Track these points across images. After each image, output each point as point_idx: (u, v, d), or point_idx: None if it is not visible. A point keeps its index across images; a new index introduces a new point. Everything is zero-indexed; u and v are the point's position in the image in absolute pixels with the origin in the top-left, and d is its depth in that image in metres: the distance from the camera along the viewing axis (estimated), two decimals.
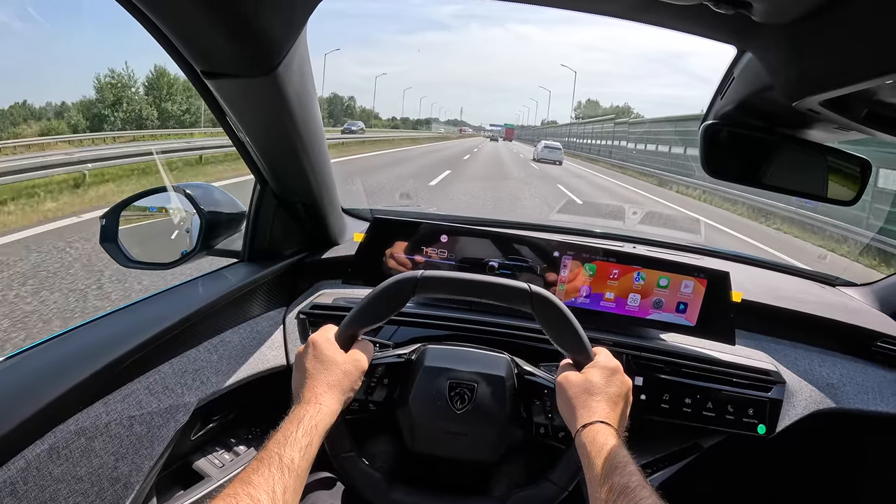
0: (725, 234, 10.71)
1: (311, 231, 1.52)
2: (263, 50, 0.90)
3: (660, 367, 1.36)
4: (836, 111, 0.79)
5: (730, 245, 8.33)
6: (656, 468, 1.40)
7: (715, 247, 2.14)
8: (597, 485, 0.81)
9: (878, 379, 1.53)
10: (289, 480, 0.77)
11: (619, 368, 0.99)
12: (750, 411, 1.35)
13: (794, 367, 1.48)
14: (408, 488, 1.06)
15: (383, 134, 46.73)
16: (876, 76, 0.63)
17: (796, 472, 1.83)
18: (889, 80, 0.63)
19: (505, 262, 1.40)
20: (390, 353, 1.14)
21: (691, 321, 1.38)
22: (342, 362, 0.97)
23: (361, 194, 8.22)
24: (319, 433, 0.87)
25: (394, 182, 12.98)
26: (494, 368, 1.10)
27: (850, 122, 0.83)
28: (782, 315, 1.57)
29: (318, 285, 1.51)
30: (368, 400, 1.11)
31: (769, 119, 0.97)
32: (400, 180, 13.69)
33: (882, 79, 0.63)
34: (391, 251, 1.42)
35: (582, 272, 1.39)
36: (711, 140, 1.02)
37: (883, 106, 0.80)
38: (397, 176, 14.63)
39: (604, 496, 0.78)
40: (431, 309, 1.41)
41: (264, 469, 0.77)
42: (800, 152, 1.04)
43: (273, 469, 0.77)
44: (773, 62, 0.78)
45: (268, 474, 0.76)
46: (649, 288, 1.38)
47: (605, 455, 0.83)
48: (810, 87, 0.74)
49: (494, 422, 1.08)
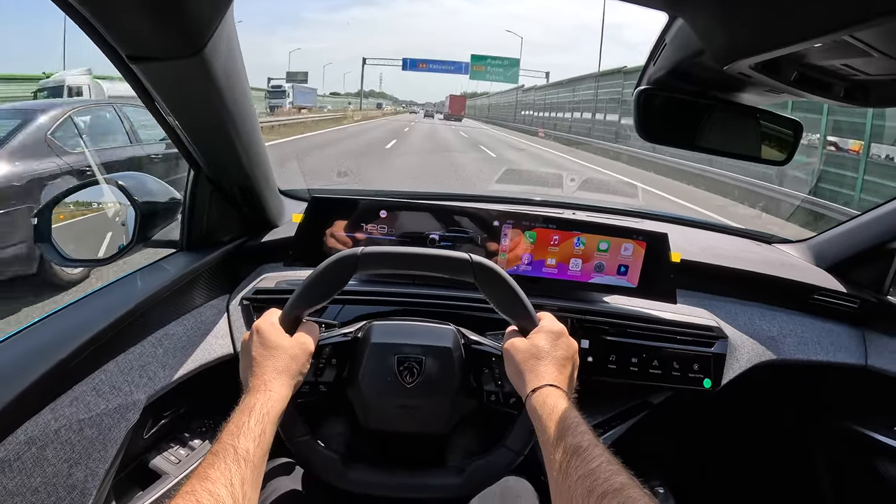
0: (664, 198, 10.94)
1: (250, 215, 1.49)
2: (190, 30, 0.87)
3: (605, 329, 1.39)
4: (766, 74, 0.80)
5: (668, 208, 8.54)
6: (608, 427, 1.44)
7: (653, 210, 2.19)
8: (550, 447, 0.82)
9: (816, 330, 1.60)
10: (246, 471, 0.76)
11: (565, 332, 1.01)
12: (695, 367, 1.40)
13: (735, 322, 1.53)
14: (365, 467, 1.06)
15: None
16: (804, 39, 0.64)
17: (743, 422, 1.90)
18: (817, 43, 0.65)
19: (445, 234, 1.41)
20: (337, 333, 1.13)
21: (633, 283, 1.42)
22: (288, 346, 0.96)
23: (298, 175, 8.03)
24: (272, 420, 0.86)
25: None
26: (441, 340, 1.11)
27: (781, 84, 0.84)
28: (722, 273, 1.61)
29: (260, 269, 1.49)
30: (318, 381, 1.10)
31: (702, 83, 0.98)
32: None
33: (810, 42, 0.64)
34: (331, 230, 1.40)
35: (523, 240, 1.40)
36: (645, 106, 1.03)
37: (812, 68, 0.82)
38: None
39: (558, 458, 0.79)
40: (376, 286, 1.41)
41: (220, 462, 0.76)
42: (733, 115, 1.05)
43: (229, 461, 0.76)
44: (704, 27, 0.78)
45: (224, 467, 0.75)
46: (590, 252, 1.41)
47: (556, 417, 0.84)
48: (740, 51, 0.74)
49: (445, 393, 1.09)
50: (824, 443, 1.82)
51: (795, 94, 0.91)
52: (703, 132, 1.05)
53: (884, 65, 0.75)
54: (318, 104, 54.25)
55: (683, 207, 10.03)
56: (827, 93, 0.88)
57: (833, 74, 0.84)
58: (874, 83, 0.86)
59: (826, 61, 0.77)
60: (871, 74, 0.81)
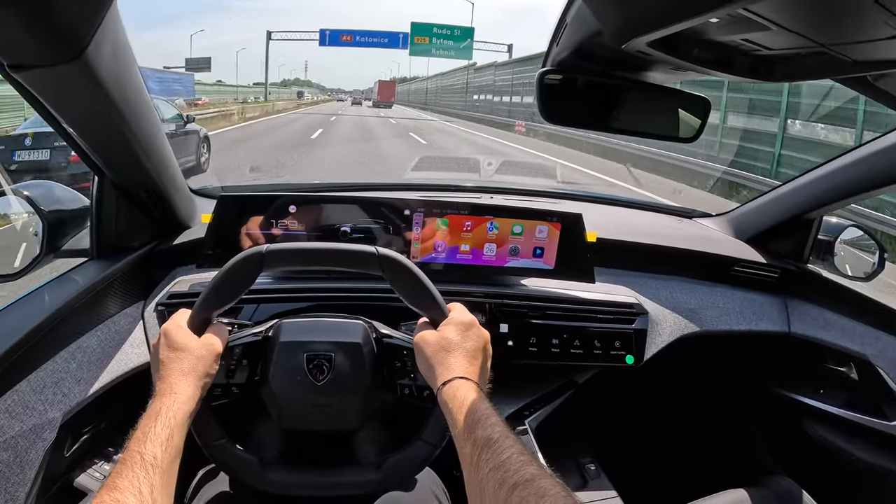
0: (589, 176, 11.12)
1: (160, 218, 1.44)
2: (67, 33, 0.81)
3: (524, 313, 1.39)
4: (665, 52, 0.79)
5: (591, 187, 8.68)
6: (533, 409, 1.44)
7: (573, 189, 2.21)
8: (462, 441, 0.81)
9: (737, 300, 1.63)
10: (154, 478, 0.75)
11: (475, 322, 1.00)
12: (616, 344, 1.41)
13: (656, 297, 1.55)
14: (284, 468, 1.05)
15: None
16: (696, 15, 0.62)
17: (671, 394, 1.95)
18: (712, 18, 0.63)
19: (357, 226, 1.38)
20: (247, 333, 1.10)
21: (550, 264, 1.42)
22: (195, 348, 0.94)
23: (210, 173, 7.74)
24: (179, 423, 0.84)
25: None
26: (350, 336, 1.08)
27: (683, 62, 0.83)
28: (641, 249, 1.63)
29: (174, 273, 1.44)
30: (230, 383, 1.07)
31: (606, 63, 0.96)
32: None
33: (703, 17, 0.62)
34: (246, 228, 1.37)
35: (435, 228, 1.39)
36: (548, 87, 1.01)
37: (712, 45, 0.81)
38: None
39: (468, 451, 0.79)
40: (291, 282, 1.38)
41: (127, 471, 0.74)
42: (640, 95, 1.04)
43: (136, 469, 0.74)
44: (599, 5, 0.77)
45: (132, 475, 0.73)
46: (504, 236, 1.40)
47: (465, 410, 0.84)
48: (635, 29, 0.73)
49: (356, 390, 1.07)
50: (755, 409, 1.87)
51: (701, 70, 0.90)
52: (610, 112, 1.04)
53: (784, 39, 0.74)
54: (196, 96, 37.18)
55: (614, 186, 10.20)
56: (731, 69, 0.87)
57: (735, 50, 0.83)
58: (777, 58, 0.86)
59: (725, 37, 0.76)
60: (773, 49, 0.81)
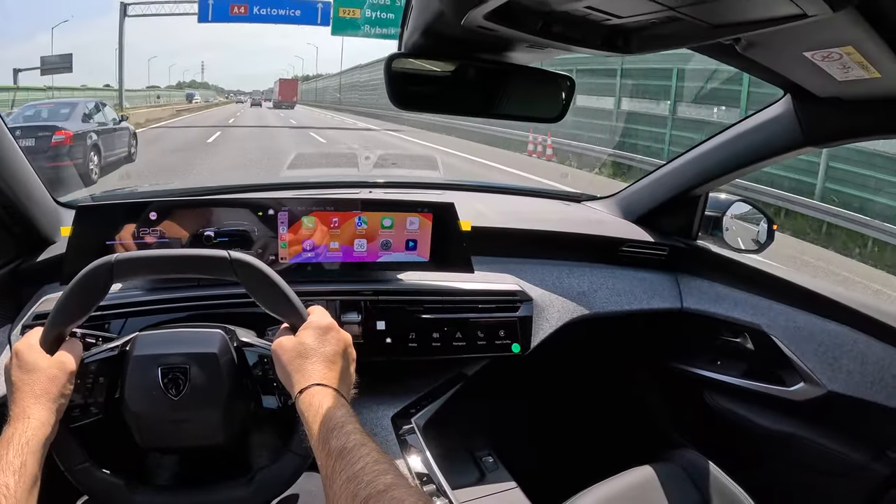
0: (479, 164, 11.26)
1: (21, 234, 1.35)
2: None
3: (401, 308, 1.36)
4: (509, 26, 0.76)
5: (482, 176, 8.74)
6: (421, 406, 1.41)
7: (456, 180, 2.17)
8: (317, 451, 0.79)
9: (627, 280, 1.64)
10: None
11: (334, 326, 0.96)
12: (500, 333, 1.39)
13: (542, 283, 1.53)
14: (152, 489, 1.01)
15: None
16: None
17: (564, 380, 1.95)
18: None
19: (220, 230, 1.32)
20: (103, 348, 1.03)
21: (424, 256, 1.39)
22: (46, 367, 0.88)
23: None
24: (33, 450, 0.80)
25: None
26: (206, 346, 1.02)
27: (533, 37, 0.81)
28: (525, 236, 1.63)
29: (41, 292, 1.34)
30: (88, 403, 1.00)
31: (457, 45, 0.93)
32: None
33: None
34: (117, 238, 1.28)
35: (301, 226, 1.34)
36: (396, 71, 0.97)
37: (556, 16, 0.79)
38: None
39: (324, 461, 0.76)
40: (161, 293, 1.30)
41: None
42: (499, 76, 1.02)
43: None
44: None
45: None
46: (374, 231, 1.36)
47: (320, 419, 0.81)
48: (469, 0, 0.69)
49: (214, 402, 1.01)
50: (654, 386, 1.90)
51: (556, 46, 0.88)
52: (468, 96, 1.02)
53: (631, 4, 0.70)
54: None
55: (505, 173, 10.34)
56: (586, 43, 0.86)
57: (584, 21, 0.81)
58: (631, 28, 0.85)
59: (567, 5, 0.72)
60: (622, 17, 0.79)
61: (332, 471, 0.73)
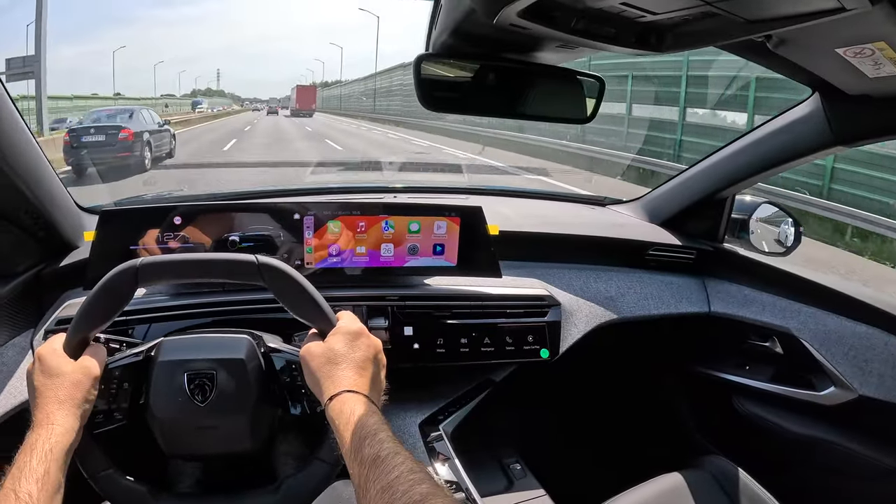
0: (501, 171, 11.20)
1: (45, 238, 1.34)
2: None
3: (429, 313, 1.35)
4: (543, 24, 0.75)
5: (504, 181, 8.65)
6: (448, 413, 1.39)
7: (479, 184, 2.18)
8: (349, 459, 0.77)
9: (654, 284, 1.62)
10: None
11: (364, 331, 0.95)
12: (529, 339, 1.38)
13: (570, 287, 1.52)
14: (176, 497, 1.00)
15: None
16: None
17: (591, 386, 1.93)
18: None
19: (246, 234, 1.31)
20: (127, 353, 1.02)
21: (451, 261, 1.38)
22: (70, 372, 0.87)
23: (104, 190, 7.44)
24: (57, 457, 0.79)
25: None
26: (233, 352, 1.01)
27: (565, 35, 0.79)
28: (552, 240, 1.61)
29: (64, 297, 1.34)
30: (112, 409, 0.99)
31: (488, 44, 0.92)
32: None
33: None
34: (141, 243, 1.28)
35: (327, 231, 1.32)
36: (425, 72, 0.96)
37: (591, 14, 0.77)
38: None
39: (356, 470, 0.74)
40: (187, 298, 1.29)
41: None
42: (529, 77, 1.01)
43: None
44: None
45: None
46: (401, 235, 1.35)
47: (352, 426, 0.79)
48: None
49: (242, 409, 1.00)
50: (682, 391, 1.87)
51: (588, 45, 0.87)
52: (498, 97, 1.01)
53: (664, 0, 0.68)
54: None
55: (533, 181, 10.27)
56: (619, 41, 0.84)
57: (618, 19, 0.79)
58: (665, 25, 0.82)
59: (603, 2, 0.71)
60: (657, 13, 0.77)
61: (365, 480, 0.72)
